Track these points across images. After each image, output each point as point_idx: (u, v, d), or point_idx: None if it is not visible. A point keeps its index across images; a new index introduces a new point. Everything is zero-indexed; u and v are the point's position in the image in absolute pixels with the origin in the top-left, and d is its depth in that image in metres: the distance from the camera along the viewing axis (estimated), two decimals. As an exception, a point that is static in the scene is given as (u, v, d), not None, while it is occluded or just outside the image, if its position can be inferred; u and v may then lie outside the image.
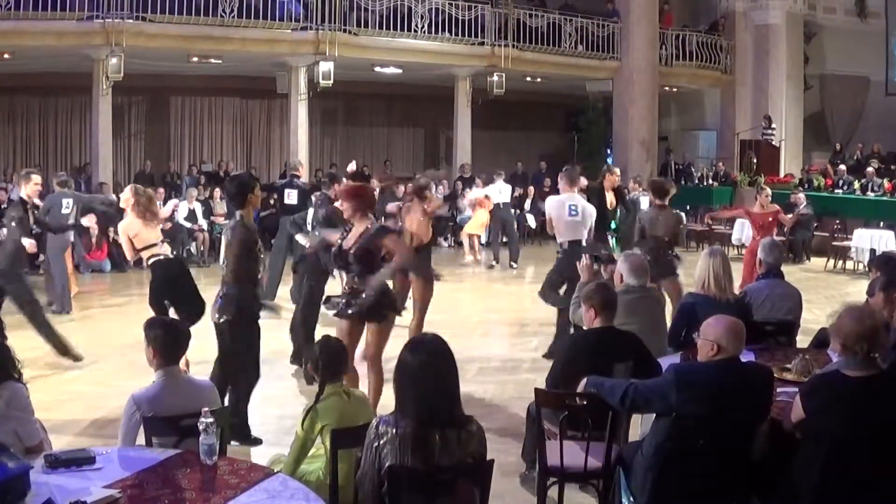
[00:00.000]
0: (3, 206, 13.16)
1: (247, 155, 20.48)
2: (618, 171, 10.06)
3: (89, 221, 7.81)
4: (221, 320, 5.60)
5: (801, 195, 16.10)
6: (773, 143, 19.80)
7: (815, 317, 7.70)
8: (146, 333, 3.95)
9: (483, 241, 17.28)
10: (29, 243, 7.90)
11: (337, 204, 7.14)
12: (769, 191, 11.12)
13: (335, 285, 6.86)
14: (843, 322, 3.54)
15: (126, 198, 7.36)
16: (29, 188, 8.06)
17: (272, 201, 15.90)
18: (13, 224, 7.85)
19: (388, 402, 3.37)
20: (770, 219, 10.58)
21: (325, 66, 15.91)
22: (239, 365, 5.70)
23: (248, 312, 5.67)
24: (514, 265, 14.41)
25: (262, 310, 5.87)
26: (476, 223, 15.03)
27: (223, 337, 5.70)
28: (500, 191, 16.19)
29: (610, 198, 9.47)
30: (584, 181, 9.00)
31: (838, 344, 3.57)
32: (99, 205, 11.22)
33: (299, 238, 7.71)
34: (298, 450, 3.84)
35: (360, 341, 5.91)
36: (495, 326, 9.94)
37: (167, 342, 3.91)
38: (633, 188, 14.97)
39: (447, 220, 16.55)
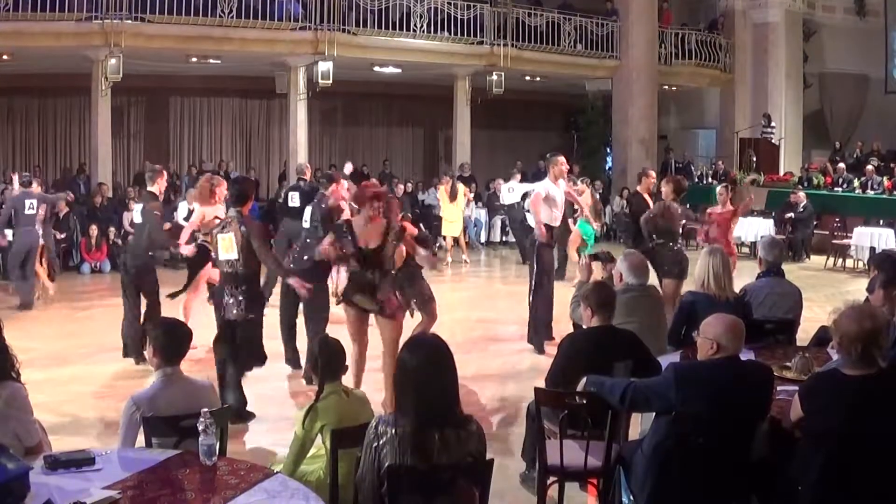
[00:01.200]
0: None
1: (246, 155, 20.47)
2: (653, 173, 9.95)
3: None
4: (250, 317, 5.98)
5: (801, 193, 16.11)
6: (773, 141, 19.79)
7: (814, 315, 7.69)
8: (147, 333, 3.95)
9: (483, 240, 17.32)
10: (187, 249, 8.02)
11: (344, 204, 7.26)
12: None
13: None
14: (841, 321, 3.53)
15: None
16: (161, 184, 8.15)
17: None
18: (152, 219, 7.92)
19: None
20: (727, 217, 9.92)
21: (325, 66, 15.92)
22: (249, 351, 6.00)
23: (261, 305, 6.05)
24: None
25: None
26: (447, 225, 14.90)
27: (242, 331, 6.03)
28: (512, 189, 16.11)
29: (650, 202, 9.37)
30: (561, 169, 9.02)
31: (838, 344, 3.57)
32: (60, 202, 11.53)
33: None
34: (298, 450, 3.84)
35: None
36: (495, 325, 9.93)
37: (167, 342, 3.91)
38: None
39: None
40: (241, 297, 5.94)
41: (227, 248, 5.92)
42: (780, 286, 5.97)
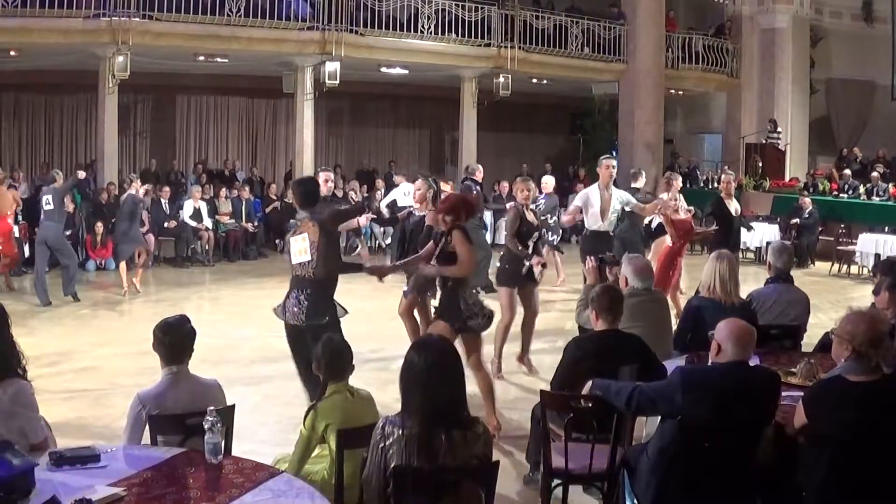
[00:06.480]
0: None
1: (252, 154, 20.49)
2: (732, 174, 9.73)
3: None
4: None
5: (807, 199, 16.09)
6: (779, 146, 19.76)
7: (819, 321, 7.67)
8: (154, 332, 3.95)
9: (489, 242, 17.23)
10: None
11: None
12: (679, 182, 10.42)
13: None
14: (857, 328, 3.52)
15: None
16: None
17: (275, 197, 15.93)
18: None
19: (391, 402, 3.36)
20: (688, 225, 9.55)
21: (332, 66, 15.91)
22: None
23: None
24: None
25: None
26: None
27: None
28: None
29: (735, 205, 9.16)
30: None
31: (847, 350, 3.55)
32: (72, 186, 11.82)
33: None
34: (302, 449, 3.84)
35: None
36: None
37: (173, 341, 3.92)
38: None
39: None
40: (304, 302, 5.73)
41: (301, 251, 5.80)
42: (788, 293, 5.93)
